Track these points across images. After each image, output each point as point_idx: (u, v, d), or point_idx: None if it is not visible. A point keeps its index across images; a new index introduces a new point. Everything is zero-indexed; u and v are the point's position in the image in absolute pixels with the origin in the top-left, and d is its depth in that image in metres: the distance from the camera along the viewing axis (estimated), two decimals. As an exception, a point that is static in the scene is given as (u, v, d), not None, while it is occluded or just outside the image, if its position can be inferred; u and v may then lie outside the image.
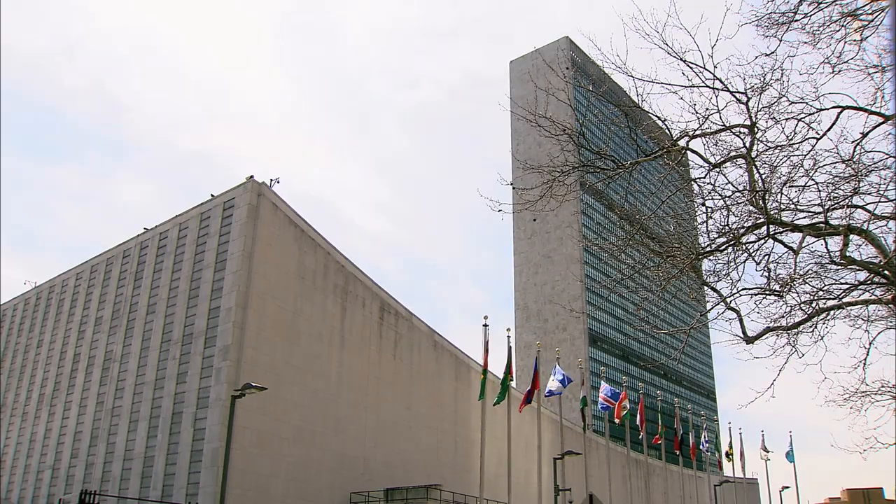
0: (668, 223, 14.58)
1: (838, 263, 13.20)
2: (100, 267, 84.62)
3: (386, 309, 78.98)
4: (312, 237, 72.70)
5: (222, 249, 68.51)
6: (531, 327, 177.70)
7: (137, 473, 66.87)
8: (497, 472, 49.32)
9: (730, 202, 13.16)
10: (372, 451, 70.40)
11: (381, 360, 76.18)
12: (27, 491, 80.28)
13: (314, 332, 68.97)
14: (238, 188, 70.50)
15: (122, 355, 75.03)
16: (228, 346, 63.10)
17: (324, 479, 65.15)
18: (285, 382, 61.11)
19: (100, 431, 73.68)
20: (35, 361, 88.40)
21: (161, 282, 74.19)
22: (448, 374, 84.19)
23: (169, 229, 76.56)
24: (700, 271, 14.71)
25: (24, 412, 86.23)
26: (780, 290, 13.62)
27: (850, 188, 12.78)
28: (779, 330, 13.92)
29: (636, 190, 14.65)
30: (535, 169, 14.11)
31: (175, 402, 66.19)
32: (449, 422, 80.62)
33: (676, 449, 54.01)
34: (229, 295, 65.29)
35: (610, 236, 16.07)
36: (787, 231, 13.25)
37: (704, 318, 15.22)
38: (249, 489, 53.27)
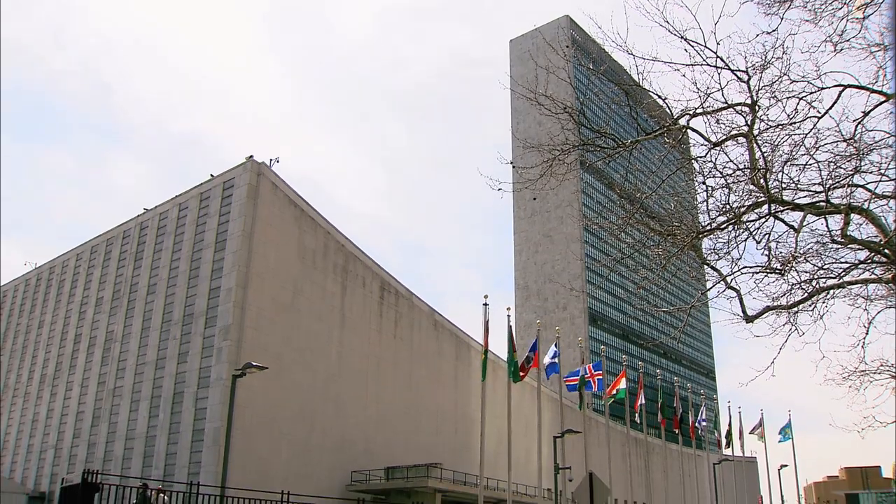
0: (668, 202, 14.55)
1: (839, 242, 13.18)
2: (100, 248, 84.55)
3: (386, 288, 79.03)
4: (312, 217, 72.61)
5: (222, 229, 68.45)
6: (531, 306, 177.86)
7: (139, 453, 67.16)
8: (497, 451, 49.55)
9: (730, 180, 13.12)
10: (372, 430, 70.67)
11: (382, 339, 76.32)
12: (30, 470, 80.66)
13: (314, 311, 69.04)
14: (237, 168, 70.33)
15: (122, 336, 75.15)
16: (229, 325, 63.19)
17: (325, 457, 65.43)
18: (286, 362, 61.25)
19: (101, 411, 73.93)
20: (36, 342, 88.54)
21: (161, 262, 74.17)
22: (448, 353, 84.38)
23: (168, 210, 76.44)
24: (700, 250, 14.69)
25: (27, 393, 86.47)
26: (780, 268, 13.61)
27: (852, 167, 12.74)
28: (779, 309, 13.92)
29: (636, 169, 14.60)
30: (535, 147, 14.06)
31: (176, 382, 66.37)
32: (449, 401, 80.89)
33: (676, 428, 54.15)
34: (229, 275, 65.31)
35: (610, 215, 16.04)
36: (788, 210, 13.22)
37: (704, 297, 15.22)
38: (251, 468, 53.51)
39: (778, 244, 13.78)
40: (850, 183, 12.90)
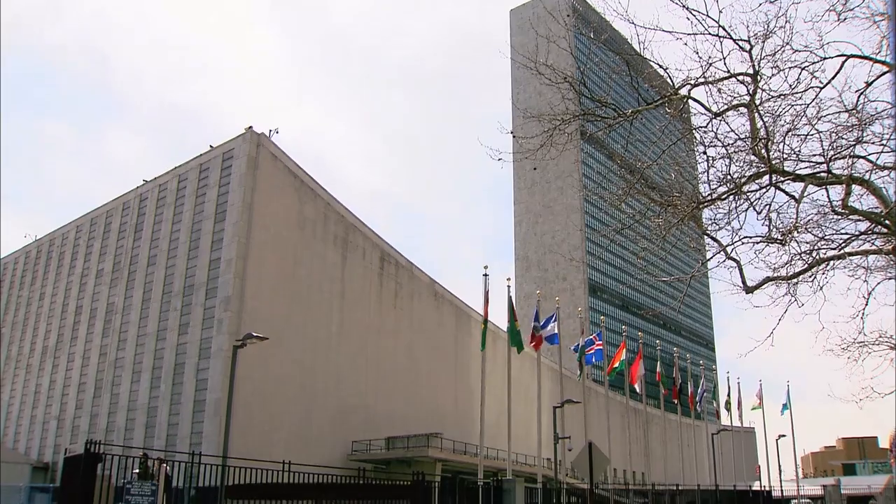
0: (668, 172, 14.49)
1: (840, 213, 13.15)
2: (99, 219, 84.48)
3: (386, 259, 79.05)
4: (312, 187, 72.47)
5: (222, 200, 68.36)
6: (531, 277, 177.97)
7: (141, 424, 67.55)
8: (497, 421, 49.78)
9: (731, 150, 13.05)
10: (373, 400, 71.01)
11: (382, 309, 76.47)
12: (34, 441, 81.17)
13: (315, 282, 69.13)
14: (237, 139, 70.10)
15: (123, 307, 75.29)
16: (229, 296, 63.31)
17: (325, 427, 65.80)
18: (286, 333, 61.39)
19: (103, 383, 74.26)
20: (37, 314, 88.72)
21: (161, 234, 74.14)
22: (448, 323, 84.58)
23: (168, 181, 76.29)
24: (700, 220, 14.66)
25: (28, 364, 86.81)
26: (780, 238, 13.59)
27: (853, 138, 12.66)
28: (778, 280, 13.91)
29: (637, 139, 14.53)
30: (535, 117, 13.97)
31: (177, 353, 66.61)
32: (449, 371, 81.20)
33: (675, 398, 54.39)
34: (229, 246, 65.31)
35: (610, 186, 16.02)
36: (789, 180, 13.16)
37: (704, 268, 15.21)
38: (252, 438, 53.82)
39: (779, 215, 13.75)
40: (851, 154, 12.84)
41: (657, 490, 42.16)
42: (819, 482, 78.32)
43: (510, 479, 25.98)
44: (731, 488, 46.74)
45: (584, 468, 22.09)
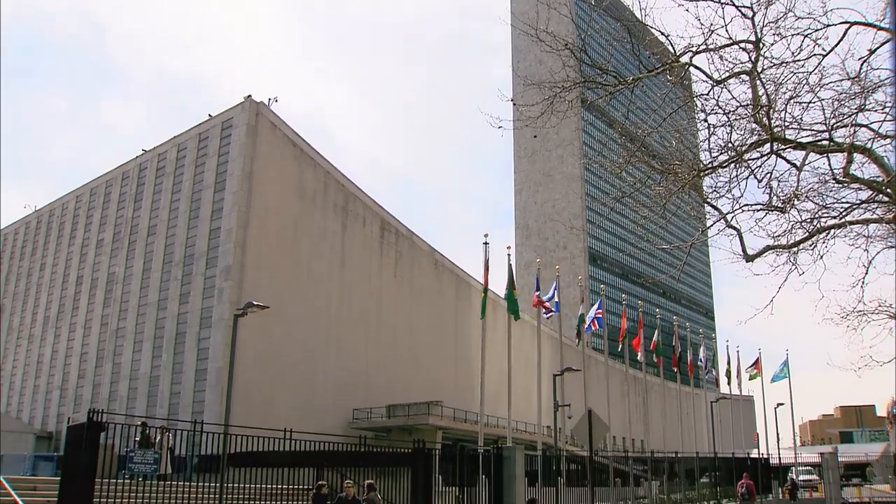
0: (669, 140, 14.42)
1: (841, 181, 13.11)
2: (99, 189, 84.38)
3: (386, 227, 79.04)
4: (311, 156, 72.30)
5: (221, 170, 68.25)
6: (531, 246, 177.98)
7: (143, 393, 67.95)
8: (497, 389, 50.02)
9: (732, 118, 12.98)
10: (374, 368, 71.32)
11: (382, 278, 76.58)
12: (37, 411, 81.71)
13: (315, 251, 69.18)
14: (236, 108, 69.83)
15: (124, 277, 75.43)
16: (230, 266, 63.40)
17: (327, 396, 66.16)
18: (287, 302, 61.53)
19: (105, 352, 74.59)
20: (38, 284, 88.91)
21: (161, 203, 74.09)
22: (448, 292, 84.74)
23: (167, 150, 76.11)
24: (701, 189, 14.63)
25: (31, 334, 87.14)
26: (781, 206, 13.56)
27: (856, 106, 12.57)
28: (779, 248, 13.90)
29: (637, 107, 14.45)
30: (535, 85, 13.89)
31: (178, 323, 66.82)
32: (450, 339, 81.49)
33: (674, 366, 54.59)
34: (229, 215, 65.30)
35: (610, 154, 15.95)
36: (790, 148, 13.10)
37: (705, 236, 15.20)
38: (254, 407, 54.15)
39: (779, 183, 13.71)
40: (853, 122, 12.76)
41: (656, 457, 42.44)
42: (816, 450, 78.84)
43: (510, 447, 26.13)
44: (729, 456, 47.02)
45: (584, 435, 22.25)
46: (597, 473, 35.21)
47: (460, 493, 24.67)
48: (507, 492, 24.77)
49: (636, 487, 37.46)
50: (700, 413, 69.74)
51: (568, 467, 33.66)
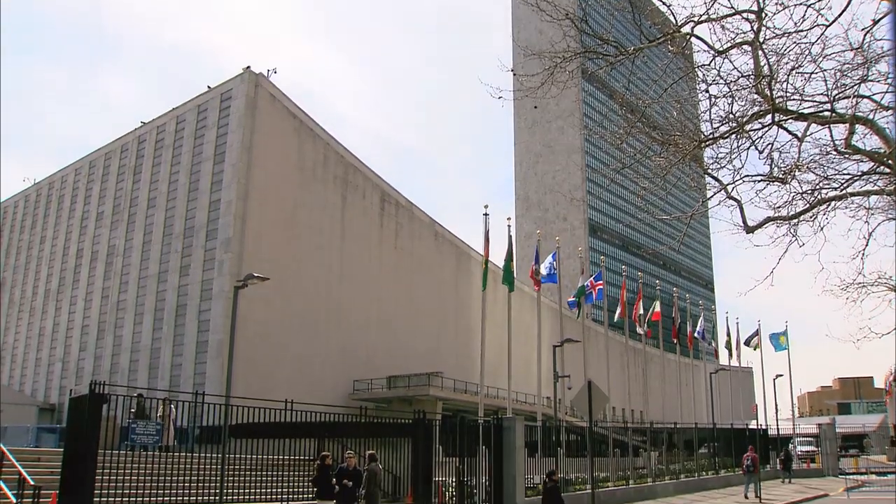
0: (670, 111, 14.35)
1: (842, 153, 13.06)
2: (98, 162, 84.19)
3: (386, 199, 78.94)
4: (311, 128, 72.08)
5: (221, 142, 68.07)
6: (531, 217, 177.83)
7: (145, 365, 68.20)
8: (497, 360, 50.19)
9: (734, 88, 12.89)
10: (374, 339, 71.54)
11: (382, 250, 76.62)
12: (39, 383, 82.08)
13: (315, 223, 69.15)
14: (235, 79, 69.52)
15: (124, 249, 75.47)
16: (230, 238, 63.42)
17: (327, 367, 66.44)
18: (288, 273, 61.60)
19: (106, 325, 74.78)
20: (39, 258, 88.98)
21: (160, 175, 73.96)
22: (449, 263, 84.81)
23: (166, 123, 75.85)
24: (701, 160, 14.58)
25: (32, 307, 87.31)
26: (782, 177, 13.51)
27: (858, 77, 12.47)
28: (779, 220, 13.88)
29: (638, 78, 14.36)
30: (535, 55, 13.79)
31: (179, 295, 66.95)
32: (450, 311, 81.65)
33: (674, 338, 54.74)
34: (229, 187, 65.21)
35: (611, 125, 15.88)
36: (792, 119, 13.03)
37: (705, 207, 15.16)
38: (255, 378, 54.35)
39: (780, 154, 13.65)
40: (855, 93, 12.66)
41: (655, 428, 42.67)
42: (814, 421, 79.42)
43: (510, 417, 26.26)
44: (728, 427, 47.29)
45: (584, 406, 22.35)
46: (596, 444, 35.42)
47: (460, 463, 24.83)
48: (507, 462, 24.94)
49: (635, 458, 37.69)
50: (699, 384, 70.11)
51: (568, 438, 33.85)
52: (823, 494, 35.89)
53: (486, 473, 25.22)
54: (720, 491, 36.95)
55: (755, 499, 32.12)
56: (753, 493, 32.92)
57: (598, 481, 27.66)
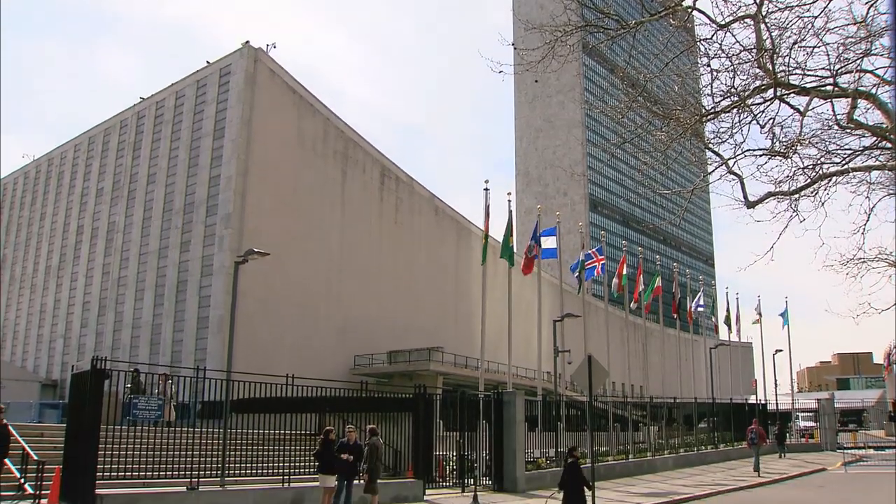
0: (671, 86, 14.27)
1: (844, 127, 13.00)
2: (97, 138, 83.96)
3: (386, 174, 78.79)
4: (311, 103, 71.80)
5: (220, 117, 67.86)
6: (532, 192, 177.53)
7: (146, 341, 68.39)
8: (498, 335, 50.27)
9: (736, 62, 12.80)
10: (375, 315, 71.64)
11: (383, 225, 76.57)
12: (41, 360, 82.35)
13: (315, 198, 69.06)
14: (234, 54, 69.19)
15: (124, 226, 75.46)
16: (230, 214, 63.39)
17: (328, 342, 66.61)
18: (288, 249, 61.58)
19: (107, 301, 74.92)
20: (39, 234, 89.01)
21: (160, 151, 73.80)
22: (449, 238, 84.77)
23: (165, 98, 75.55)
24: (702, 135, 14.52)
25: (33, 284, 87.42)
26: (784, 151, 13.46)
27: (861, 50, 12.37)
28: (780, 195, 13.85)
29: (639, 52, 14.26)
30: (536, 28, 13.69)
31: (179, 271, 67.01)
32: (450, 286, 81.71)
33: (674, 313, 54.77)
34: (229, 163, 65.09)
35: (612, 100, 15.78)
36: (794, 94, 12.96)
37: (706, 182, 15.12)
38: (256, 353, 54.47)
39: (782, 129, 13.60)
40: (858, 68, 12.58)
41: (655, 403, 42.84)
42: (813, 396, 79.65)
43: (510, 392, 26.37)
44: (727, 401, 47.49)
45: (584, 381, 22.39)
46: (596, 419, 35.58)
47: (461, 437, 24.96)
48: (508, 436, 25.07)
49: (635, 432, 37.90)
50: (699, 359, 70.23)
51: (567, 412, 33.98)
52: (821, 469, 36.10)
53: (486, 447, 25.37)
54: (719, 465, 37.17)
55: (755, 472, 32.49)
56: (759, 464, 33.49)
57: (597, 455, 27.81)
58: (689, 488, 26.06)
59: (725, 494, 25.66)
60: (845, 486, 29.13)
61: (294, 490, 18.95)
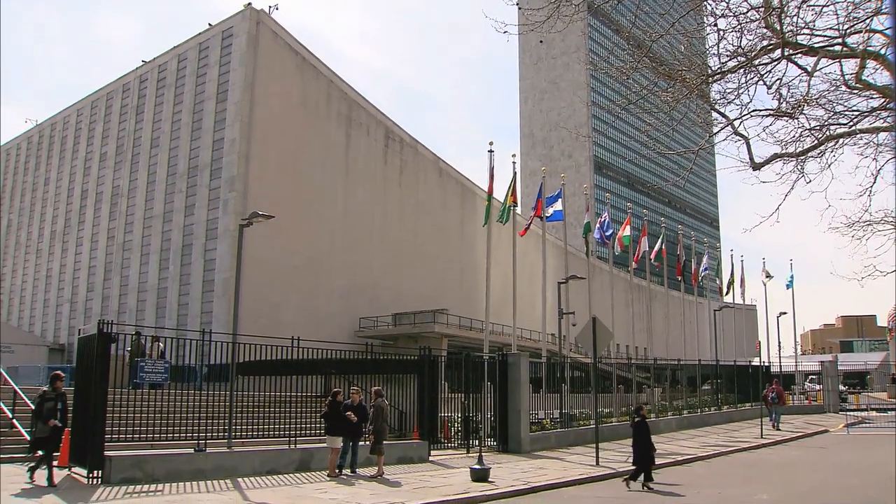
0: (677, 47, 14.11)
1: (852, 88, 12.87)
2: (100, 102, 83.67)
3: (390, 136, 78.50)
4: (314, 65, 71.37)
5: (223, 80, 67.54)
6: (536, 154, 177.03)
7: (152, 304, 68.70)
8: (502, 297, 50.40)
9: (743, 21, 12.63)
10: (380, 277, 71.83)
11: (387, 188, 76.46)
12: (48, 324, 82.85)
13: (319, 160, 68.92)
14: (236, 16, 68.69)
15: (128, 190, 75.46)
16: (234, 177, 63.34)
17: (333, 305, 66.87)
18: (292, 212, 61.60)
19: (113, 265, 75.16)
20: (43, 199, 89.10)
21: (163, 115, 73.57)
22: (453, 201, 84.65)
23: (167, 61, 75.13)
24: (708, 95, 14.39)
25: (38, 249, 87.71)
26: (791, 111, 13.34)
27: (872, 9, 12.20)
28: (787, 156, 13.76)
29: (645, 12, 14.08)
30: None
31: (184, 235, 67.13)
32: (455, 248, 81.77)
33: (678, 275, 54.80)
34: (232, 126, 64.90)
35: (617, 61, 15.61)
36: (801, 54, 12.81)
37: (711, 143, 15.04)
38: (261, 316, 54.77)
39: (789, 89, 13.46)
40: (867, 27, 12.42)
41: (659, 364, 43.04)
42: (817, 359, 79.83)
43: (515, 354, 26.49)
44: (731, 364, 47.68)
45: (588, 342, 22.49)
46: (600, 380, 35.81)
47: (466, 399, 25.14)
48: (512, 398, 25.24)
49: (639, 394, 38.08)
50: (703, 321, 70.46)
51: (572, 374, 34.20)
52: (823, 430, 36.35)
53: (491, 409, 25.55)
54: (722, 426, 37.45)
55: (775, 430, 33.79)
56: (772, 425, 35.24)
57: (601, 417, 28.01)
58: (693, 449, 26.28)
59: (728, 455, 25.88)
60: (847, 447, 29.35)
61: (301, 451, 19.14)
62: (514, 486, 17.14)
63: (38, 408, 15.70)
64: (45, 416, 15.50)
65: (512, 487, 17.01)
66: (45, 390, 16.27)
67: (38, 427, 15.60)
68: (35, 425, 15.74)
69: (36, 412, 15.78)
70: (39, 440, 15.61)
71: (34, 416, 15.84)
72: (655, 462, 18.20)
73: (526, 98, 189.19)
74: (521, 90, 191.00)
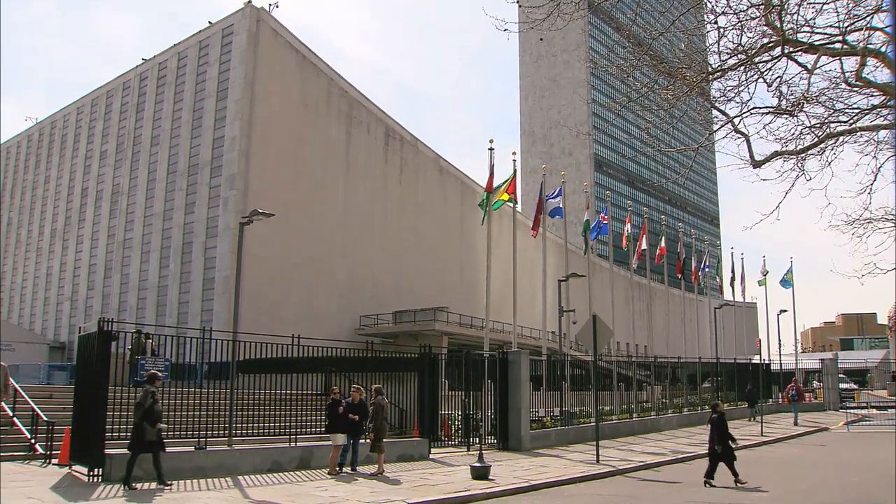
0: (677, 44, 14.10)
1: (853, 85, 12.86)
2: (100, 100, 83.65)
3: (391, 134, 78.49)
4: (314, 62, 71.36)
5: (223, 78, 67.55)
6: (537, 152, 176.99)
7: (153, 303, 68.72)
8: (502, 294, 50.41)
9: (743, 18, 12.62)
10: (380, 275, 71.86)
11: (387, 185, 76.47)
12: (49, 322, 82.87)
13: (319, 158, 68.94)
14: (236, 14, 68.69)
15: (129, 188, 75.47)
16: (234, 174, 63.35)
17: (334, 302, 66.90)
18: (293, 209, 61.64)
19: (113, 263, 75.19)
20: (44, 197, 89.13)
21: (163, 113, 73.56)
22: (454, 198, 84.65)
23: (168, 59, 75.13)
24: (708, 93, 14.38)
25: (38, 247, 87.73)
26: (791, 109, 13.33)
27: (872, 6, 12.19)
28: (787, 154, 13.75)
29: (645, 10, 14.07)
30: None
31: (185, 233, 67.15)
32: (455, 246, 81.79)
33: (679, 273, 54.79)
34: (232, 124, 64.91)
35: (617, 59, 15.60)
36: (802, 51, 12.80)
37: (712, 139, 15.02)
38: (262, 314, 54.81)
39: (789, 87, 13.45)
40: (868, 25, 12.41)
41: (659, 362, 43.02)
42: (817, 356, 79.80)
43: (515, 351, 26.49)
44: (731, 361, 47.65)
45: (588, 340, 22.48)
46: (600, 378, 35.77)
47: (466, 396, 25.14)
48: (513, 395, 25.23)
49: (639, 392, 38.08)
50: (703, 319, 70.38)
51: (572, 372, 34.17)
52: (824, 428, 36.33)
53: (491, 407, 25.55)
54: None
55: (796, 426, 34.92)
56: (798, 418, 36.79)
57: (602, 414, 28.01)
58: (693, 447, 26.27)
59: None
60: (847, 445, 29.34)
61: (301, 449, 19.15)
62: (514, 484, 17.13)
63: (150, 408, 14.98)
64: (157, 417, 15.04)
65: (512, 485, 17.00)
66: (150, 389, 15.38)
67: (146, 429, 14.89)
68: (141, 426, 14.95)
69: (147, 412, 14.97)
70: (149, 443, 14.99)
71: (143, 416, 14.99)
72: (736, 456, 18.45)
73: (526, 96, 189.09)
74: (522, 88, 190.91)
